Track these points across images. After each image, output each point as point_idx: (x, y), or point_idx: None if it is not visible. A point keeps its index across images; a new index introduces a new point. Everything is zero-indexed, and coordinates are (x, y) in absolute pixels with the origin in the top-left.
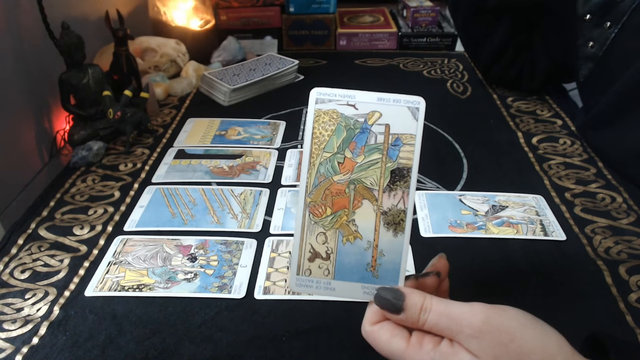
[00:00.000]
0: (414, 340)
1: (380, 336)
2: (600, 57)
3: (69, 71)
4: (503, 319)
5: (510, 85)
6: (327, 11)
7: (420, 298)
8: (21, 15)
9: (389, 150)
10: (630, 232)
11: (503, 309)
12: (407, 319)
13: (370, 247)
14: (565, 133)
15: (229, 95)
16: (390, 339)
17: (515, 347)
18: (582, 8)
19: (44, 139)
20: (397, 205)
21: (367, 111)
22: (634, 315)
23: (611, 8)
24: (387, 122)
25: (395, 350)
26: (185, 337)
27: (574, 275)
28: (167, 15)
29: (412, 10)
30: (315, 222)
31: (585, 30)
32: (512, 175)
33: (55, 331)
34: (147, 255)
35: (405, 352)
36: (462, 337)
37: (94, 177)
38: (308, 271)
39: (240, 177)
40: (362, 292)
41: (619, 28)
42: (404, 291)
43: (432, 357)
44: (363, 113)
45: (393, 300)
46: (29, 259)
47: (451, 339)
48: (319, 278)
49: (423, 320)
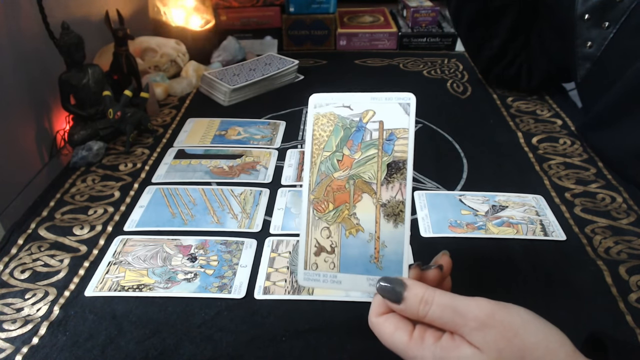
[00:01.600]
0: (416, 334)
1: (385, 328)
2: (598, 57)
3: (69, 71)
4: (507, 315)
5: (509, 86)
6: (327, 11)
7: (421, 290)
8: (21, 15)
9: (384, 145)
10: (630, 232)
11: (507, 305)
12: (407, 309)
13: (372, 239)
14: (565, 133)
15: (229, 95)
16: (394, 331)
17: (518, 342)
18: (581, 8)
19: (44, 139)
20: (395, 197)
21: (362, 110)
22: (634, 315)
23: (610, 8)
24: (381, 119)
25: (398, 342)
26: (185, 337)
27: (574, 275)
28: (167, 15)
29: (412, 10)
30: (319, 217)
31: (583, 30)
32: (512, 175)
33: (55, 331)
34: (147, 255)
35: (407, 345)
36: (466, 329)
37: (94, 177)
38: (315, 265)
39: (240, 177)
40: (367, 284)
41: (617, 28)
42: (407, 282)
43: (433, 351)
44: (358, 112)
45: (394, 289)
46: (29, 259)
47: (453, 332)
48: (326, 272)
49: (424, 312)
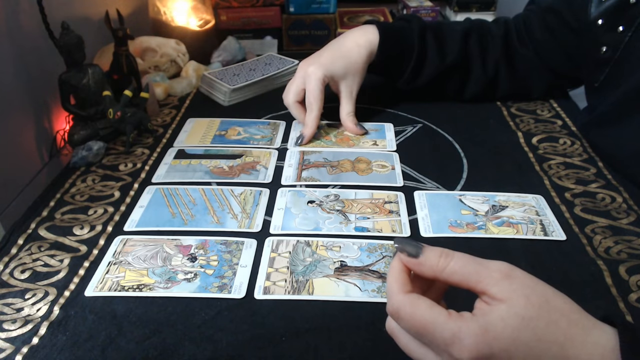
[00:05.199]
0: (451, 311)
1: (421, 303)
2: (615, 60)
3: (69, 71)
4: (523, 271)
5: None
6: (327, 11)
7: (439, 248)
8: (21, 15)
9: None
10: (630, 232)
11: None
12: (426, 261)
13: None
14: (565, 133)
15: (229, 95)
16: (431, 305)
17: (540, 289)
18: (594, 13)
19: (44, 139)
20: None
21: None
22: (634, 315)
23: (624, 11)
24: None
25: (437, 316)
26: (185, 337)
27: (574, 275)
28: (167, 15)
29: (412, 10)
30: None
31: (597, 35)
32: (512, 175)
33: (55, 331)
34: (147, 255)
35: (448, 319)
36: (492, 280)
37: (94, 177)
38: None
39: (240, 177)
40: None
41: (632, 31)
42: (422, 244)
43: (477, 320)
44: None
45: (413, 242)
46: (29, 259)
47: (475, 285)
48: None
49: (444, 264)
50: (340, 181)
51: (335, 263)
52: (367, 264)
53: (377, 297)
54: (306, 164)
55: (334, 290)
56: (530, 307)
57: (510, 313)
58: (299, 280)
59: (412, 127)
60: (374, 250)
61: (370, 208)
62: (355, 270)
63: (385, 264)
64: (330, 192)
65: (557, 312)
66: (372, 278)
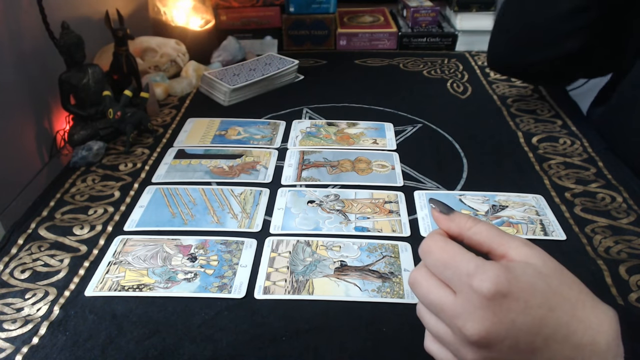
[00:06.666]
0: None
1: (452, 242)
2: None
3: (69, 71)
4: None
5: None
6: (327, 11)
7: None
8: (21, 15)
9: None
10: (630, 232)
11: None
12: (455, 219)
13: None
14: (565, 133)
15: (229, 95)
16: (466, 251)
17: (554, 263)
18: None
19: (44, 139)
20: None
21: None
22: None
23: None
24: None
25: (466, 252)
26: (185, 337)
27: (574, 274)
28: (167, 15)
29: (412, 10)
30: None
31: None
32: (512, 175)
33: (55, 331)
34: (147, 255)
35: (476, 256)
36: (513, 244)
37: (94, 177)
38: None
39: (240, 177)
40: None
41: None
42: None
43: (501, 263)
44: None
45: (444, 203)
46: (29, 259)
47: (496, 248)
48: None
49: (472, 223)
50: (340, 181)
51: (335, 263)
52: (367, 263)
53: (377, 297)
54: (306, 164)
55: (334, 290)
56: (547, 267)
57: (529, 267)
58: (299, 280)
59: (412, 127)
60: (374, 250)
61: (370, 208)
62: (355, 270)
63: (385, 264)
64: (330, 192)
65: (570, 278)
66: (372, 278)
